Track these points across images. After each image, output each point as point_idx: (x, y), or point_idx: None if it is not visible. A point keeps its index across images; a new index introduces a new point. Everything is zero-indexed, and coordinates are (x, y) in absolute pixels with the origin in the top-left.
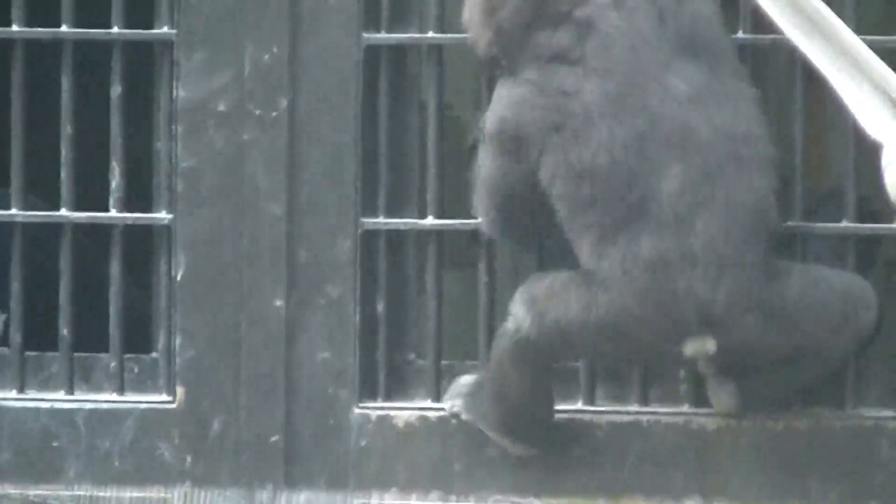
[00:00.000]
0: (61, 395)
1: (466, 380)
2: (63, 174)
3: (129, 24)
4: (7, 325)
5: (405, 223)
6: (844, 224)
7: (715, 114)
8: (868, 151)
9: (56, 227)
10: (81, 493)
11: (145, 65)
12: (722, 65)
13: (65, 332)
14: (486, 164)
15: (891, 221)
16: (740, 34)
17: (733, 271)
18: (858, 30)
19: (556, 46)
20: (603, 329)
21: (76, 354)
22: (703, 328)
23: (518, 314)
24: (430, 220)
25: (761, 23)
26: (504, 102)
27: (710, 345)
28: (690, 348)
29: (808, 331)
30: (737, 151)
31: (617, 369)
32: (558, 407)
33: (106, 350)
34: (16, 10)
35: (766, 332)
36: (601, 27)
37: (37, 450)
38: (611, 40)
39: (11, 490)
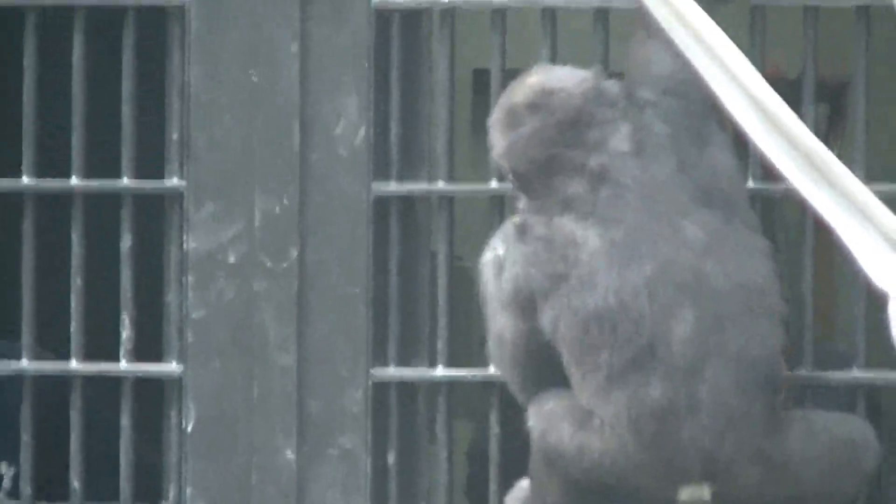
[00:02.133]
0: None
1: (526, 483)
2: (73, 326)
3: (138, 176)
4: (17, 478)
5: (416, 374)
6: (855, 373)
7: (729, 263)
8: (876, 301)
9: (66, 379)
10: None
11: (155, 216)
12: (737, 215)
13: (75, 483)
14: (505, 331)
15: None
16: (750, 183)
17: (739, 423)
18: (867, 178)
19: (569, 196)
20: (596, 471)
21: None
22: (703, 477)
23: (531, 425)
24: (440, 371)
25: (771, 172)
26: (516, 262)
27: (706, 493)
28: (686, 494)
29: (810, 480)
30: (749, 302)
31: None
32: None
33: (117, 501)
34: (26, 163)
35: (766, 482)
36: (616, 177)
37: None
38: (625, 189)
39: None
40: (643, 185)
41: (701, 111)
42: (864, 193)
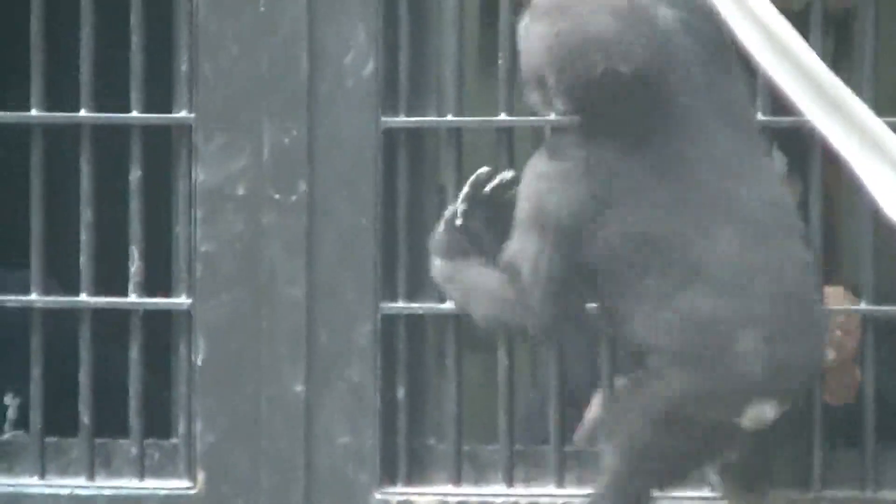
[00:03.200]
0: (82, 480)
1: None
2: (82, 259)
3: (147, 109)
4: (22, 408)
5: (424, 307)
6: (863, 306)
7: (757, 184)
8: (887, 233)
9: (75, 312)
10: None
11: (164, 149)
12: (754, 140)
13: (85, 417)
14: (531, 255)
15: None
16: (759, 115)
17: (792, 334)
18: (876, 111)
19: (605, 122)
20: (663, 419)
21: (96, 440)
22: (766, 393)
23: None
24: (449, 304)
25: (780, 104)
26: (547, 180)
27: (770, 412)
28: (749, 418)
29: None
30: (780, 219)
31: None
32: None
33: (126, 435)
34: (34, 95)
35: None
36: (651, 96)
37: None
38: (660, 112)
39: None
40: (677, 105)
41: (725, 36)
42: (877, 124)
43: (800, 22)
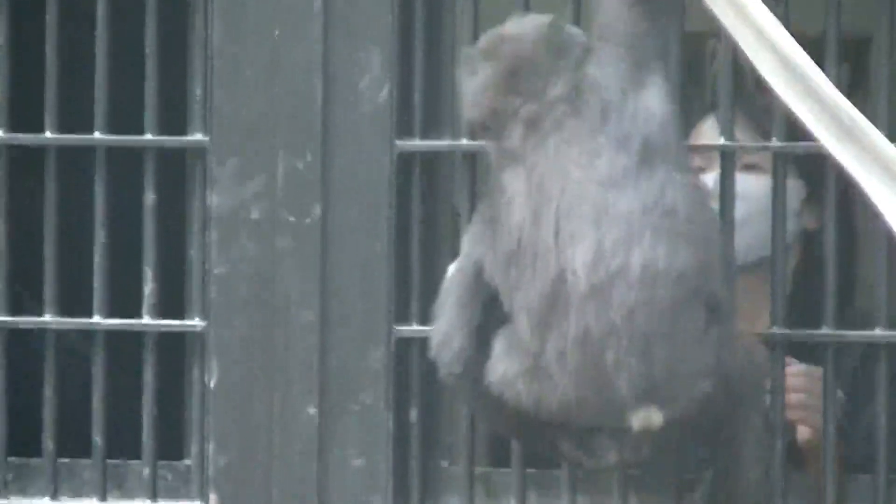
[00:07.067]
0: (94, 502)
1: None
2: (96, 281)
3: (161, 131)
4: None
5: None
6: (877, 332)
7: (634, 193)
8: None
9: (88, 334)
10: None
11: (178, 171)
12: (657, 156)
13: (97, 439)
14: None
15: None
16: (774, 141)
17: (665, 340)
18: (890, 137)
19: (507, 147)
20: (553, 419)
21: (109, 461)
22: (646, 400)
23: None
24: None
25: (795, 130)
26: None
27: (656, 417)
28: (636, 422)
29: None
30: (655, 223)
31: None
32: None
33: (139, 457)
34: (49, 117)
35: (716, 398)
36: (542, 124)
37: None
38: (547, 135)
39: None
40: (564, 130)
41: (639, 59)
42: (891, 152)
43: (814, 48)
